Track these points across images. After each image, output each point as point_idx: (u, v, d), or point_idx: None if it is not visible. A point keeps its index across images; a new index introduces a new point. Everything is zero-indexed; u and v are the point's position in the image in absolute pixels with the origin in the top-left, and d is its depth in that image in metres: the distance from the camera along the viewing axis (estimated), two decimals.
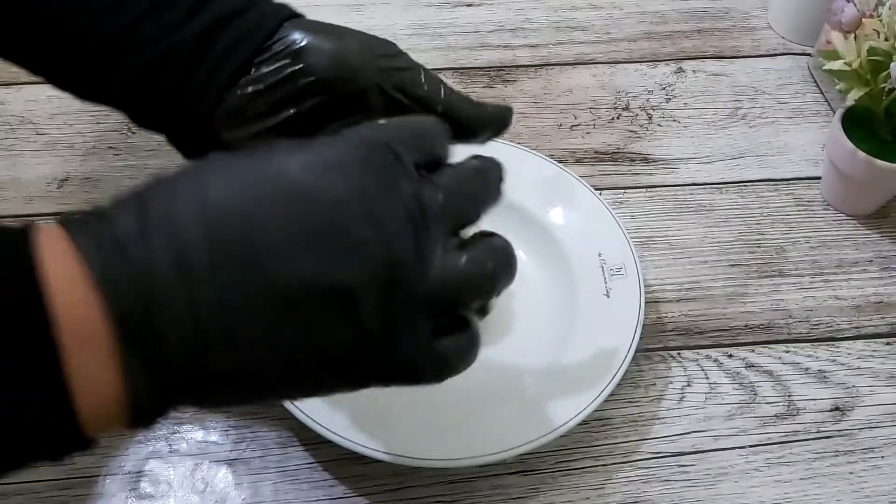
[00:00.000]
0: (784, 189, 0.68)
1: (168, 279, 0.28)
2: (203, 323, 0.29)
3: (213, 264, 0.29)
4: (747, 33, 0.81)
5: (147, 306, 0.28)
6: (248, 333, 0.29)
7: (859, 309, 0.61)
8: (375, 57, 0.43)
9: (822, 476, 0.53)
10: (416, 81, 0.43)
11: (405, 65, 0.43)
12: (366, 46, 0.43)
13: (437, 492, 0.51)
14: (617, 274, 0.57)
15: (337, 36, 0.43)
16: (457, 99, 0.44)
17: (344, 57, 0.42)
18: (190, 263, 0.29)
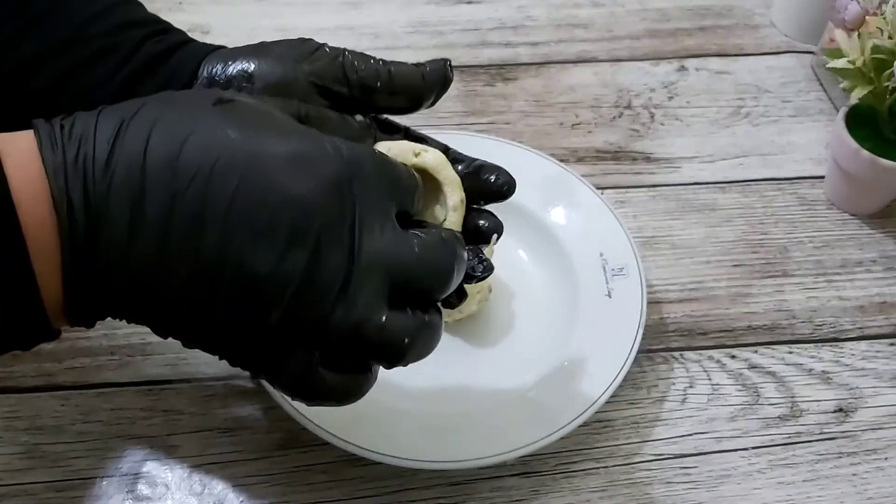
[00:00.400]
0: (787, 188, 0.68)
1: (117, 216, 0.31)
2: (138, 262, 0.32)
3: (163, 222, 0.31)
4: (750, 31, 0.80)
5: (92, 230, 0.31)
6: (173, 289, 0.32)
7: (863, 309, 0.61)
8: (299, 62, 0.41)
9: (825, 478, 0.53)
10: (348, 67, 0.42)
11: (330, 56, 0.42)
12: (287, 55, 0.42)
13: (438, 493, 0.51)
14: (619, 274, 0.57)
15: (256, 55, 0.42)
16: (395, 71, 0.43)
17: (270, 74, 0.41)
18: (142, 212, 0.31)
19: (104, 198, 0.31)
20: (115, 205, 0.31)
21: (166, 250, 0.32)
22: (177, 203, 0.31)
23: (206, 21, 0.77)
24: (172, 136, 0.32)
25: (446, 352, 0.56)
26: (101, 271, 0.32)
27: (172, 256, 0.32)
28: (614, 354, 0.53)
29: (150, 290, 0.32)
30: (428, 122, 0.70)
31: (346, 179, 0.33)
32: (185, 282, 0.32)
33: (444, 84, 0.44)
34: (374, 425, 0.49)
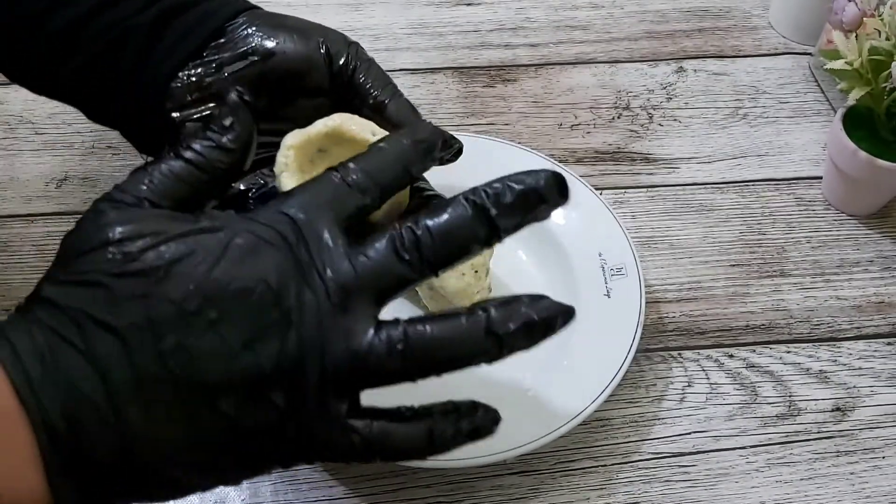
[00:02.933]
0: (785, 189, 0.68)
1: (89, 389, 0.30)
2: (124, 428, 0.30)
3: (135, 375, 0.30)
4: (748, 32, 0.80)
5: (70, 419, 0.30)
6: (170, 435, 0.31)
7: (860, 309, 0.61)
8: (322, 47, 0.43)
9: (822, 476, 0.53)
10: (365, 76, 0.43)
11: (350, 56, 0.43)
12: (316, 36, 0.43)
13: (437, 492, 0.51)
14: (617, 274, 0.57)
15: (288, 26, 0.43)
16: (396, 106, 0.43)
17: (293, 47, 0.43)
18: (113, 379, 0.30)
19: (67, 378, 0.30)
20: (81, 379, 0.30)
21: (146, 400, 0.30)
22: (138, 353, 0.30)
23: None
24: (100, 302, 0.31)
25: None
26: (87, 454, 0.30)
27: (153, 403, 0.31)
28: (613, 354, 0.53)
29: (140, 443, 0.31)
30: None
31: (283, 240, 0.32)
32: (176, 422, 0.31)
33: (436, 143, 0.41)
34: None
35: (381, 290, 0.33)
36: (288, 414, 0.32)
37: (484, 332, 0.33)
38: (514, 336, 0.33)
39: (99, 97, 0.43)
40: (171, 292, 0.31)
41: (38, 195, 0.65)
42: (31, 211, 0.64)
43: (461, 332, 0.32)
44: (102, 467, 0.31)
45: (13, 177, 0.65)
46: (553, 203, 0.34)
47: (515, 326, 0.33)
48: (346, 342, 0.32)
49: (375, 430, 0.33)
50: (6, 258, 0.61)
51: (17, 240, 0.62)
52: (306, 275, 0.32)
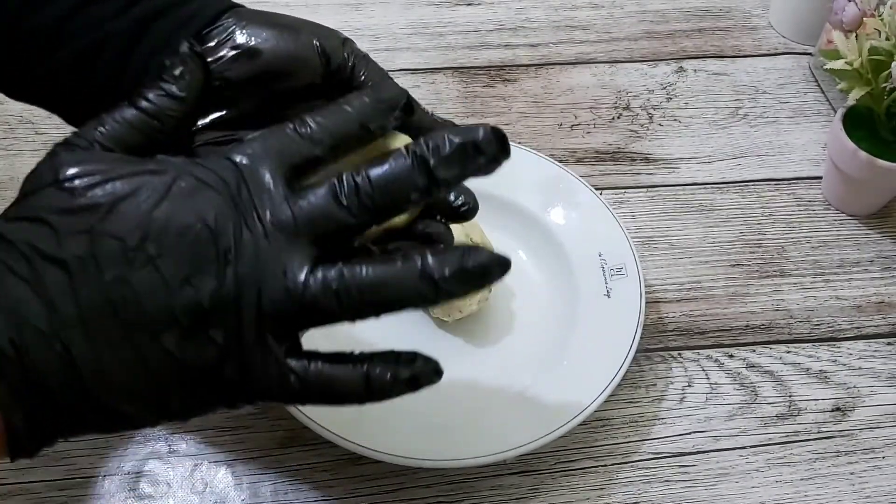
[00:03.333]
0: (785, 189, 0.68)
1: (34, 317, 0.31)
2: (74, 363, 0.31)
3: (80, 311, 0.31)
4: (748, 32, 0.80)
5: (17, 346, 0.31)
6: (114, 367, 0.32)
7: (860, 309, 0.61)
8: (317, 45, 0.42)
9: (822, 476, 0.53)
10: (364, 73, 0.42)
11: (347, 54, 0.43)
12: (308, 34, 0.42)
13: (437, 492, 0.51)
14: (617, 274, 0.57)
15: (278, 25, 0.42)
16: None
17: (285, 46, 0.41)
18: (58, 309, 0.31)
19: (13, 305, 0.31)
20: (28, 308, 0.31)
21: (90, 333, 0.32)
22: (85, 288, 0.31)
23: None
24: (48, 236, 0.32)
25: (446, 351, 0.56)
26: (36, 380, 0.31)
27: (97, 335, 0.32)
28: (613, 354, 0.53)
29: (87, 372, 0.32)
30: None
31: (223, 183, 0.33)
32: (118, 351, 0.32)
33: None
34: (375, 424, 0.50)
35: (319, 234, 0.33)
36: (227, 351, 0.33)
37: (419, 276, 0.33)
38: (448, 281, 0.33)
39: (75, 102, 0.42)
40: (114, 228, 0.32)
41: None
42: None
43: (396, 274, 0.33)
44: (50, 396, 0.32)
45: (13, 177, 0.65)
46: (491, 156, 0.34)
47: (450, 272, 0.33)
48: (282, 280, 0.32)
49: (312, 371, 0.33)
50: None
51: None
52: (245, 216, 0.33)
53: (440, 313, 0.56)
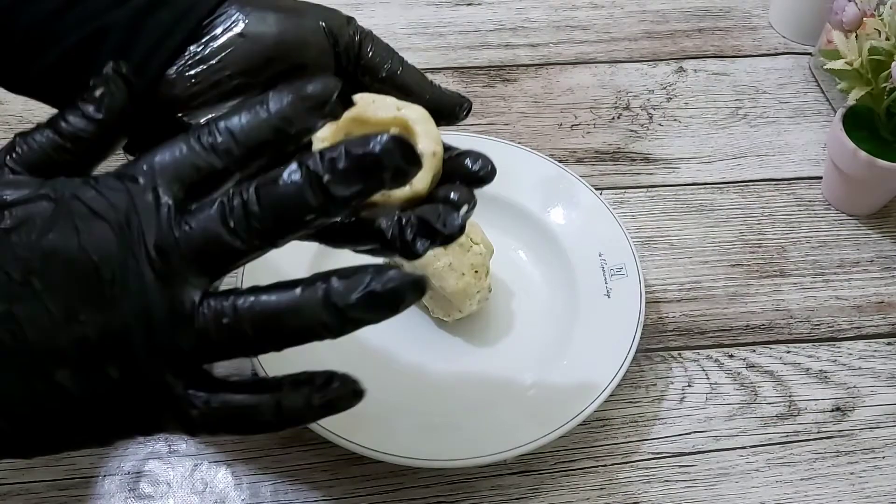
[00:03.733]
0: (785, 189, 0.68)
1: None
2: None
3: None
4: (748, 32, 0.80)
5: None
6: (8, 399, 0.31)
7: (860, 309, 0.61)
8: (323, 26, 0.41)
9: (822, 476, 0.53)
10: (372, 50, 0.41)
11: (353, 32, 0.41)
12: (313, 16, 0.41)
13: (437, 492, 0.51)
14: (617, 274, 0.57)
15: (282, 9, 0.41)
16: (407, 75, 0.42)
17: (291, 30, 0.40)
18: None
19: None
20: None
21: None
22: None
23: None
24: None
25: (446, 351, 0.56)
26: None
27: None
28: (613, 353, 0.53)
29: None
30: None
31: (111, 208, 0.31)
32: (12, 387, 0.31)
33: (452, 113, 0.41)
34: (375, 424, 0.50)
35: (207, 261, 0.31)
36: (123, 386, 0.31)
37: (322, 304, 0.30)
38: (354, 308, 0.30)
39: (74, 95, 0.42)
40: (1, 260, 0.31)
41: None
42: None
43: (295, 303, 0.30)
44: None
45: None
46: (394, 169, 0.30)
47: (357, 298, 0.30)
48: (169, 315, 0.31)
49: (215, 404, 0.32)
50: None
51: None
52: (132, 246, 0.31)
53: (440, 313, 0.56)
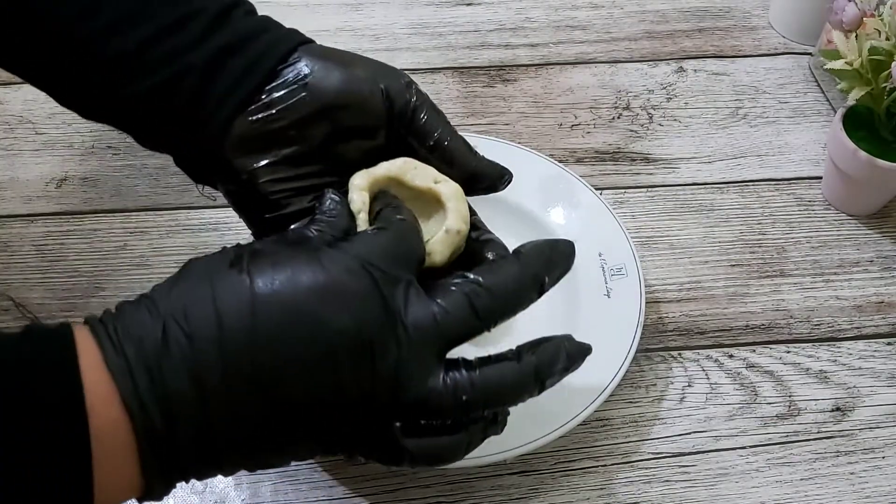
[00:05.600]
0: (785, 189, 0.68)
1: (186, 399, 0.33)
2: (215, 433, 0.34)
3: (227, 385, 0.33)
4: (748, 32, 0.80)
5: (168, 422, 0.33)
6: (252, 442, 0.35)
7: (860, 309, 0.61)
8: (382, 87, 0.43)
9: (822, 476, 0.53)
10: (417, 115, 0.43)
11: (410, 97, 0.43)
12: (374, 76, 0.43)
13: (437, 492, 0.51)
14: (617, 274, 0.57)
15: (345, 64, 0.43)
16: (454, 145, 0.44)
17: (351, 87, 0.42)
18: (205, 385, 0.33)
19: (168, 386, 0.33)
20: (180, 390, 0.33)
21: (236, 409, 0.34)
22: (235, 366, 0.34)
23: None
24: (208, 315, 0.34)
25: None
26: (186, 452, 0.34)
27: (242, 412, 0.34)
28: (613, 353, 0.53)
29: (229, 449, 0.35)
30: None
31: (375, 287, 0.36)
32: (261, 426, 0.35)
33: (493, 183, 0.45)
34: None
35: (452, 341, 0.37)
36: (356, 434, 0.37)
37: (533, 378, 0.38)
38: (554, 380, 0.39)
39: (150, 130, 0.43)
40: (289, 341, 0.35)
41: (37, 195, 0.65)
42: (31, 211, 0.64)
43: (517, 380, 0.38)
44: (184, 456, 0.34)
45: (13, 177, 0.66)
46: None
47: (557, 371, 0.39)
48: (418, 387, 0.36)
49: (424, 446, 0.37)
50: (6, 258, 0.61)
51: (16, 240, 0.62)
52: (392, 322, 0.35)
53: None
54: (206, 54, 0.41)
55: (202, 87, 0.41)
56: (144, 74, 0.40)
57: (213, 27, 0.41)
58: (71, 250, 0.61)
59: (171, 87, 0.41)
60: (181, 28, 0.41)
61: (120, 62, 0.40)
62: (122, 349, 0.33)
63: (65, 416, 0.31)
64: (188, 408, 0.33)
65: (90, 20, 0.40)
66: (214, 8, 0.41)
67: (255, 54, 0.41)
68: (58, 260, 0.61)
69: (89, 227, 0.63)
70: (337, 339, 0.34)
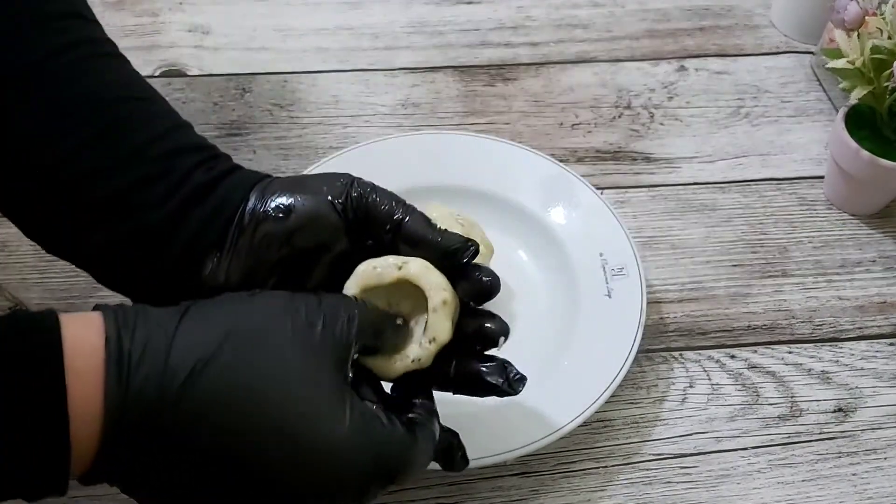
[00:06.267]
0: (787, 188, 0.68)
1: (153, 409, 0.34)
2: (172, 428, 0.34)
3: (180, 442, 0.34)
4: (750, 31, 0.80)
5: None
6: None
7: (862, 309, 0.61)
8: (333, 197, 0.43)
9: (824, 478, 0.53)
10: (373, 205, 0.43)
11: (360, 186, 0.43)
12: (322, 190, 0.43)
13: (438, 493, 0.51)
14: (618, 274, 0.57)
15: (294, 189, 0.43)
16: (413, 225, 0.43)
17: (305, 214, 0.42)
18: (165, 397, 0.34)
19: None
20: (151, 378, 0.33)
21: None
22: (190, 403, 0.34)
23: (206, 21, 0.77)
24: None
25: None
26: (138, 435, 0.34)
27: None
28: (614, 354, 0.53)
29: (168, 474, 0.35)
30: (427, 122, 0.70)
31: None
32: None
33: (455, 256, 0.43)
34: None
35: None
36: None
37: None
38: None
39: (113, 275, 0.44)
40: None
41: None
42: None
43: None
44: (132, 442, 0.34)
45: None
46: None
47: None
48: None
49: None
50: (4, 258, 0.61)
51: (15, 239, 0.61)
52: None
53: None
54: (166, 213, 0.41)
55: (165, 240, 0.42)
56: (116, 222, 0.41)
57: (175, 188, 0.42)
58: None
59: (135, 237, 0.41)
60: (149, 185, 0.41)
61: (98, 206, 0.41)
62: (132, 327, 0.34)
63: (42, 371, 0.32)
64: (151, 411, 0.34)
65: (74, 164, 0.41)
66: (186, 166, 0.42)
67: (212, 205, 0.42)
68: (56, 259, 0.60)
69: None
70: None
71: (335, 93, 0.72)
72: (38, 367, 0.32)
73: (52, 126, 0.40)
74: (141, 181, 0.41)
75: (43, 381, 0.32)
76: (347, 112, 0.71)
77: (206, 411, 0.34)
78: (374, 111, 0.71)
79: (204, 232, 0.42)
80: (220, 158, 0.45)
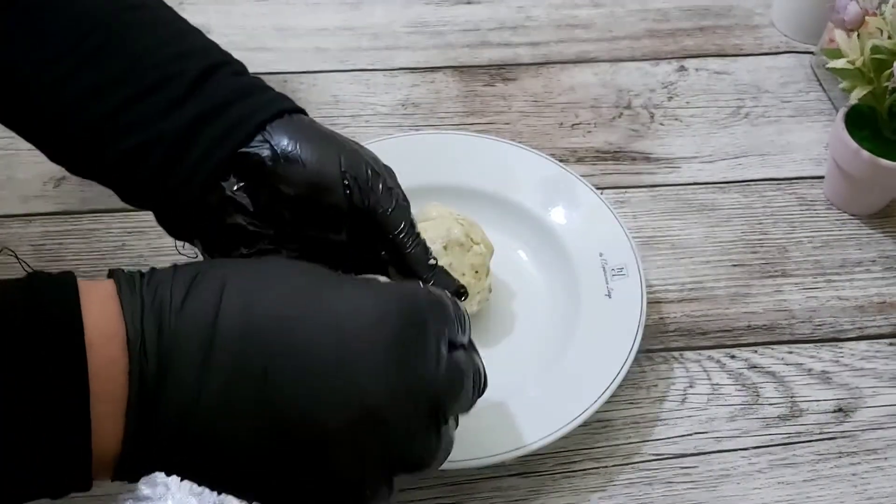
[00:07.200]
0: (787, 188, 0.68)
1: (187, 372, 0.32)
2: (201, 419, 0.32)
3: (228, 379, 0.32)
4: (750, 31, 0.80)
5: (162, 378, 0.32)
6: (231, 444, 0.33)
7: (862, 309, 0.61)
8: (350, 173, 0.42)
9: (824, 478, 0.53)
10: (382, 204, 0.43)
11: (381, 185, 0.43)
12: (346, 161, 0.42)
13: (438, 493, 0.51)
14: (618, 274, 0.57)
15: (317, 147, 0.42)
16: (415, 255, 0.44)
17: (319, 172, 0.42)
18: (210, 364, 0.32)
19: (176, 342, 0.32)
20: (186, 350, 0.32)
21: (233, 400, 0.32)
22: (246, 355, 0.32)
23: (206, 21, 0.77)
24: (243, 292, 0.33)
25: None
26: (167, 416, 0.32)
27: (240, 406, 0.32)
28: (614, 354, 0.53)
29: (214, 441, 0.33)
30: (427, 121, 0.70)
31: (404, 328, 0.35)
32: (252, 435, 0.33)
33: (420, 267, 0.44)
34: None
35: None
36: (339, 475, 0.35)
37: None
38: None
39: (131, 191, 0.43)
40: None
41: (35, 195, 0.64)
42: (29, 210, 0.63)
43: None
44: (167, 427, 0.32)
45: (11, 176, 0.65)
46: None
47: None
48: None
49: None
50: (4, 258, 0.61)
51: (14, 239, 0.61)
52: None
53: None
54: (180, 122, 0.40)
55: (174, 155, 0.41)
56: (116, 141, 0.40)
57: (189, 93, 0.41)
58: (69, 250, 0.61)
59: (144, 152, 0.40)
60: (155, 93, 0.40)
61: (93, 129, 0.40)
62: (140, 292, 0.33)
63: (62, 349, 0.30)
64: (187, 368, 0.32)
65: (71, 84, 0.40)
66: (193, 72, 0.41)
67: (226, 125, 0.41)
68: (56, 260, 0.60)
69: (87, 226, 0.62)
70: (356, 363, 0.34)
71: (335, 93, 0.72)
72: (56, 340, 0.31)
73: (48, 49, 0.40)
74: (140, 94, 0.40)
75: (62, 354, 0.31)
76: (347, 112, 0.71)
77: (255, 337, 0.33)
78: (374, 111, 0.71)
79: (210, 155, 0.41)
80: (232, 63, 0.43)
